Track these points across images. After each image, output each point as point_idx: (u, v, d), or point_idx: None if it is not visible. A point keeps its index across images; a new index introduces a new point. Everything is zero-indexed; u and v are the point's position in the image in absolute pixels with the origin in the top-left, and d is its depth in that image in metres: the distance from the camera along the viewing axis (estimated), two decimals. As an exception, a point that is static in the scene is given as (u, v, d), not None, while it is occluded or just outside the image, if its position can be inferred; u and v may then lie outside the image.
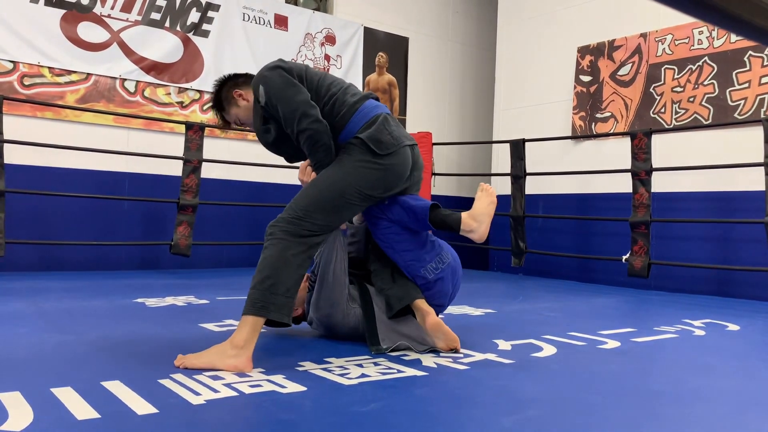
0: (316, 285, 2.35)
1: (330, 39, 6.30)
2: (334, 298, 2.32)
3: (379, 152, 2.11)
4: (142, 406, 1.50)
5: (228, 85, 2.35)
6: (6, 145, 4.25)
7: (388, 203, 2.26)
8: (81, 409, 1.47)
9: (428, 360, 2.11)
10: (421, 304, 2.26)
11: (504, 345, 2.44)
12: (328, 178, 2.11)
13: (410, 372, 1.94)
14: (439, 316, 2.49)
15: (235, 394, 1.64)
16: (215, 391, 1.66)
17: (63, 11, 4.87)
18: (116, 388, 1.65)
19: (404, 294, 2.26)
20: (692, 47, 5.05)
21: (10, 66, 4.69)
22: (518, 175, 5.56)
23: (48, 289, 3.74)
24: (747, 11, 0.64)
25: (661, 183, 5.06)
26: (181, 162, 4.98)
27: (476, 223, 2.17)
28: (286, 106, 2.09)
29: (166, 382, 1.72)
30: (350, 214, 2.18)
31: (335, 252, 2.33)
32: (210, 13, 5.55)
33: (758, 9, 0.64)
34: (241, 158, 5.52)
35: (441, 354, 2.21)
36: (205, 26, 5.53)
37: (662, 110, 5.21)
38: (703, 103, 4.95)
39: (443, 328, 2.20)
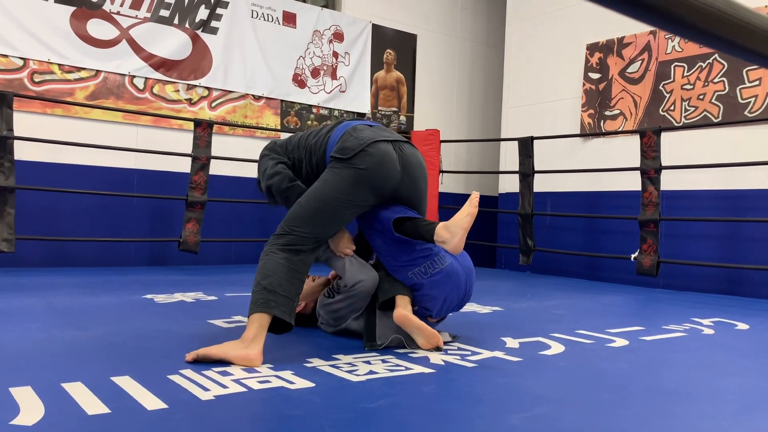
0: (339, 295, 2.37)
1: (338, 36, 6.30)
2: (358, 307, 2.38)
3: (344, 157, 2.20)
4: (151, 402, 1.52)
5: None
6: (16, 142, 4.28)
7: (368, 213, 2.32)
8: (91, 403, 1.48)
9: (436, 357, 2.12)
10: (400, 299, 2.28)
11: (512, 343, 2.44)
12: (309, 193, 2.23)
13: (418, 369, 1.95)
14: (440, 320, 2.49)
15: (243, 389, 1.65)
16: (224, 386, 1.67)
17: (73, 8, 4.89)
18: (126, 383, 1.67)
19: (391, 288, 2.32)
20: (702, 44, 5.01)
21: (20, 63, 4.71)
22: (526, 172, 5.55)
23: (58, 285, 3.77)
24: (743, 38, 0.65)
25: (670, 181, 5.03)
26: (189, 159, 5.00)
27: (449, 234, 2.10)
28: (258, 172, 2.53)
29: (175, 378, 1.73)
30: (339, 221, 2.23)
31: (366, 271, 2.35)
32: (219, 10, 5.56)
33: (750, 32, 0.65)
34: (249, 155, 5.53)
35: (448, 351, 2.21)
36: (213, 23, 5.54)
37: (672, 108, 5.18)
38: (713, 100, 4.91)
39: (413, 323, 2.19)
